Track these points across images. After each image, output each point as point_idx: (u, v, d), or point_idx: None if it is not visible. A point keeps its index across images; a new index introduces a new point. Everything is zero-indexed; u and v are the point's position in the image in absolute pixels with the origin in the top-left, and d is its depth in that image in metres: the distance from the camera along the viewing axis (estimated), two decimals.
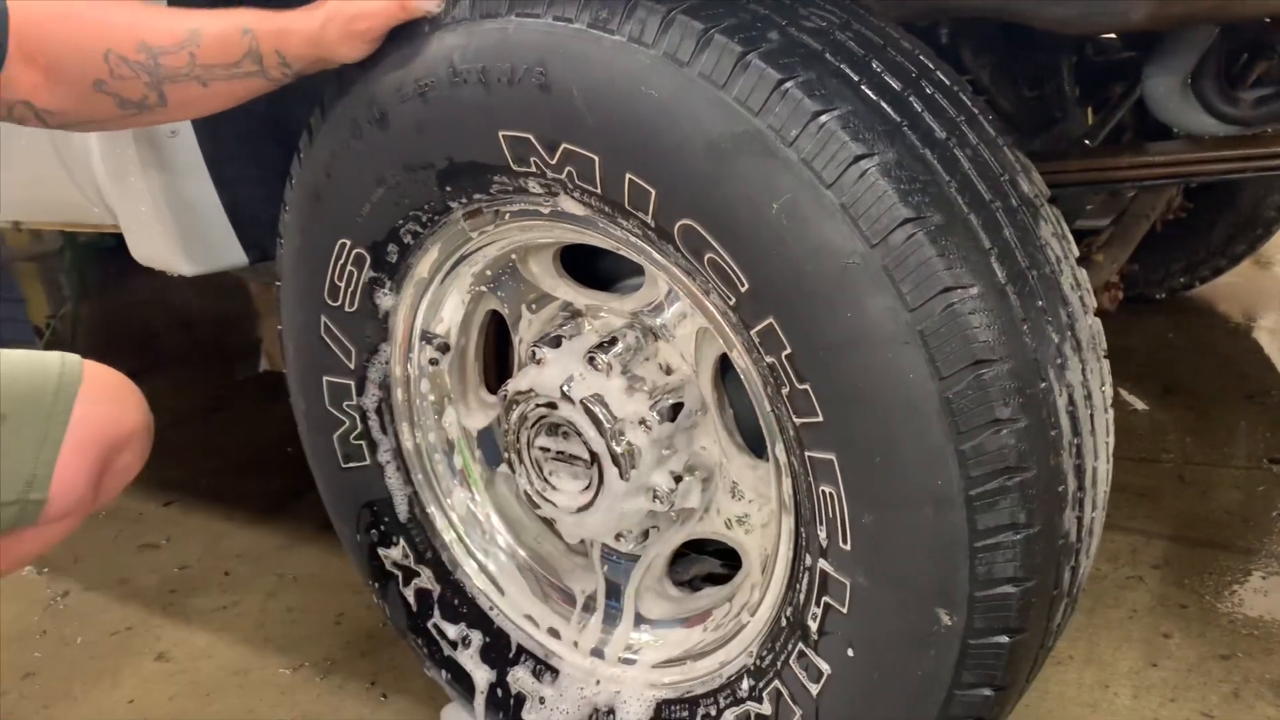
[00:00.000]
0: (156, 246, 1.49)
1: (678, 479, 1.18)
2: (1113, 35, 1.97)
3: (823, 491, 0.98)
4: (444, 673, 1.41)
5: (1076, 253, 1.05)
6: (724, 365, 1.16)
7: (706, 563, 1.41)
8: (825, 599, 1.02)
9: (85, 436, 1.33)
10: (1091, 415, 0.99)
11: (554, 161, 1.04)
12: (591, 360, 1.18)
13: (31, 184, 1.69)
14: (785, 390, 0.97)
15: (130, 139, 1.43)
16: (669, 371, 1.18)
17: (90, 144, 1.49)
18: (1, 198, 1.80)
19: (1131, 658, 1.54)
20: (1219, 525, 1.86)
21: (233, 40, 1.13)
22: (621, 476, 1.16)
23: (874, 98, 0.93)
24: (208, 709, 1.67)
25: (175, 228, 1.47)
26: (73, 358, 1.36)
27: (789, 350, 0.94)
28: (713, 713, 1.18)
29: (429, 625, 1.41)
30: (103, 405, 1.35)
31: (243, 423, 2.80)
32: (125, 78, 1.16)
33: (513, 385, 1.25)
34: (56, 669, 1.80)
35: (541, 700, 1.32)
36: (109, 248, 4.83)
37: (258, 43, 1.13)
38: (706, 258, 0.97)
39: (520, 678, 1.34)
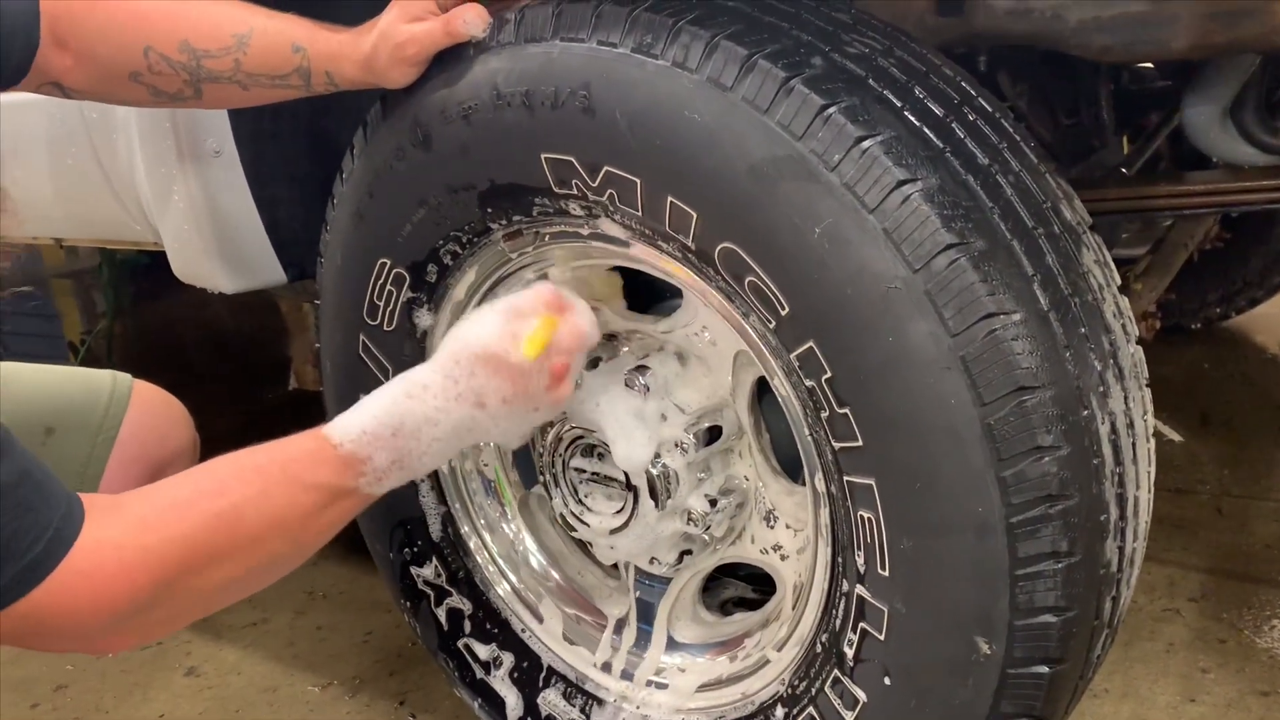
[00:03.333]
0: (198, 264, 1.51)
1: (713, 503, 1.18)
2: (1151, 64, 1.97)
3: (861, 516, 0.98)
4: (473, 693, 1.41)
5: (1118, 280, 1.04)
6: (761, 389, 1.16)
7: (738, 587, 1.41)
8: (862, 625, 1.02)
9: (131, 455, 1.34)
10: (1133, 444, 0.99)
11: (595, 184, 1.05)
12: (628, 383, 1.18)
13: (75, 201, 1.72)
14: (825, 414, 0.97)
15: (175, 157, 1.46)
16: (705, 395, 1.18)
17: (135, 161, 1.51)
18: (45, 214, 1.83)
19: (1169, 692, 1.51)
20: (1257, 559, 1.83)
21: (283, 54, 1.14)
22: (656, 499, 1.16)
23: (917, 123, 0.93)
24: None
25: (217, 245, 1.49)
26: (124, 377, 1.38)
27: (829, 374, 0.94)
28: None
29: (460, 645, 1.41)
30: (150, 424, 1.37)
31: (277, 437, 2.81)
32: (164, 74, 1.16)
33: None
34: (88, 682, 1.81)
35: None
36: (144, 265, 4.89)
37: (309, 62, 1.14)
38: (747, 281, 0.97)
39: (551, 700, 1.34)
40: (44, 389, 1.33)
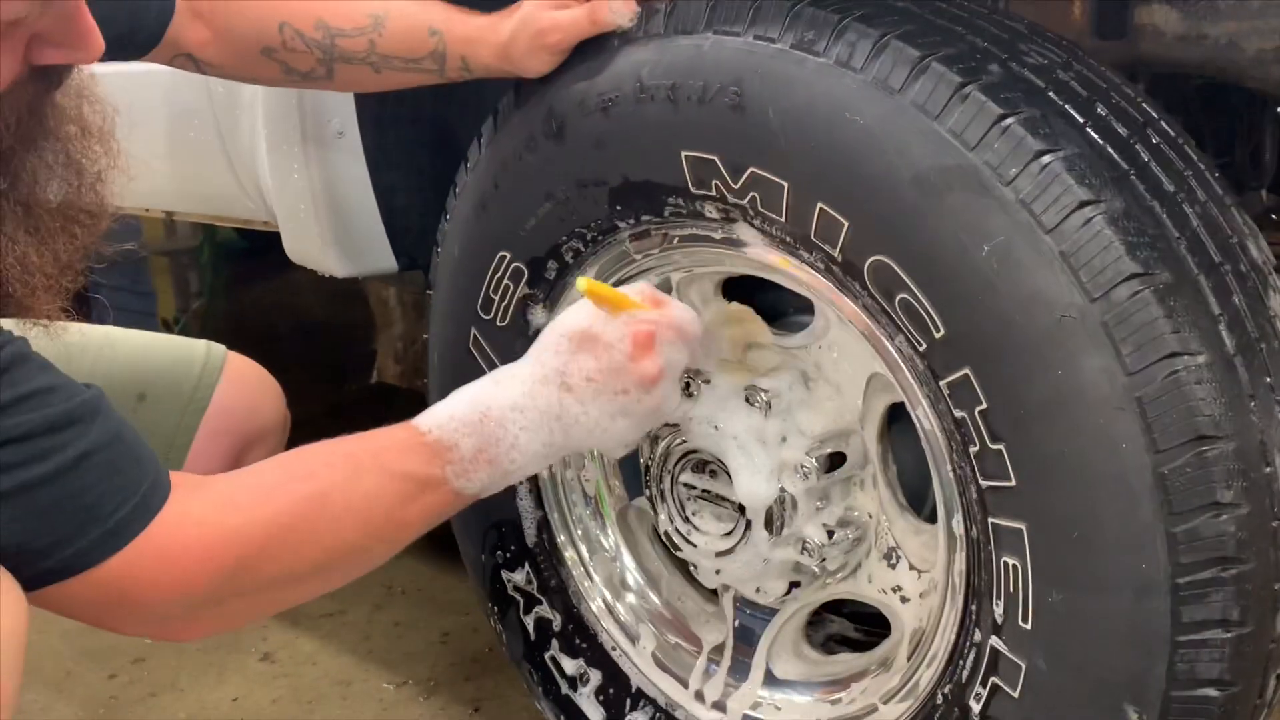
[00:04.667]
0: (311, 245, 1.50)
1: (830, 533, 1.11)
2: None
3: (1005, 563, 0.91)
4: (556, 708, 1.36)
5: None
6: (891, 417, 1.10)
7: (841, 624, 1.33)
8: (994, 680, 0.94)
9: (221, 426, 1.33)
10: None
11: (737, 186, 0.99)
12: (749, 399, 1.12)
13: (193, 175, 1.72)
14: (974, 449, 0.90)
15: (298, 136, 1.44)
16: (831, 419, 1.11)
17: (258, 138, 1.50)
18: (158, 185, 1.83)
19: None
20: None
21: (419, 37, 1.12)
22: (770, 525, 1.10)
23: (1100, 142, 0.86)
24: (310, 716, 1.65)
25: (331, 228, 1.47)
26: (218, 348, 1.37)
27: (984, 406, 0.87)
28: None
29: (546, 657, 1.36)
30: (242, 398, 1.35)
31: (358, 431, 2.81)
32: (297, 50, 1.15)
33: None
34: (165, 658, 1.80)
35: None
36: (242, 249, 4.97)
37: (445, 45, 1.11)
38: (898, 298, 0.91)
39: None
40: (139, 355, 1.33)
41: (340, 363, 3.46)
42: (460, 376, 1.31)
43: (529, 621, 1.37)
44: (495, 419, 0.96)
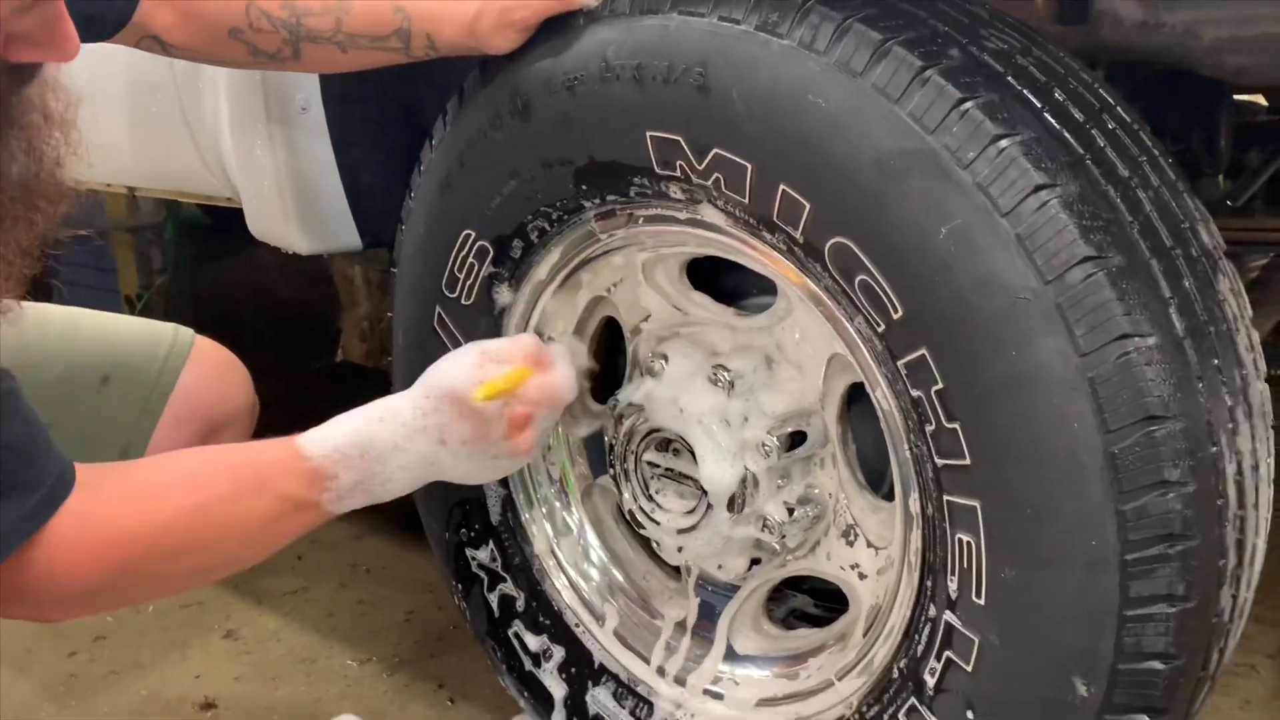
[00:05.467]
0: (275, 222, 1.48)
1: (790, 511, 1.13)
2: (1257, 98, 1.89)
3: (959, 540, 0.92)
4: (520, 684, 1.37)
5: (1250, 312, 0.98)
6: (851, 398, 1.11)
7: (800, 600, 1.35)
8: (947, 654, 0.96)
9: (186, 412, 1.31)
10: (1257, 487, 0.92)
11: (701, 167, 1.00)
12: (712, 378, 1.13)
13: (156, 150, 1.70)
14: (930, 428, 0.91)
15: (262, 113, 1.43)
16: (793, 399, 1.12)
17: (221, 113, 1.48)
18: (119, 161, 1.81)
19: None
20: None
21: (384, 16, 1.12)
22: (732, 502, 1.11)
23: (1057, 126, 0.88)
24: (273, 693, 1.65)
25: (295, 205, 1.46)
26: (185, 331, 1.36)
27: (940, 386, 0.89)
28: None
29: (510, 633, 1.37)
30: (208, 382, 1.34)
31: (321, 410, 2.80)
32: (264, 31, 1.15)
33: (624, 396, 1.21)
34: (127, 635, 1.80)
35: None
36: (205, 225, 4.91)
37: (410, 23, 1.11)
38: (858, 280, 0.92)
39: (601, 700, 1.29)
40: (104, 337, 1.31)
41: (305, 342, 3.44)
42: (425, 355, 1.31)
43: (493, 599, 1.38)
44: (375, 456, 1.01)
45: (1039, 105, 0.88)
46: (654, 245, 1.16)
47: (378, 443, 1.01)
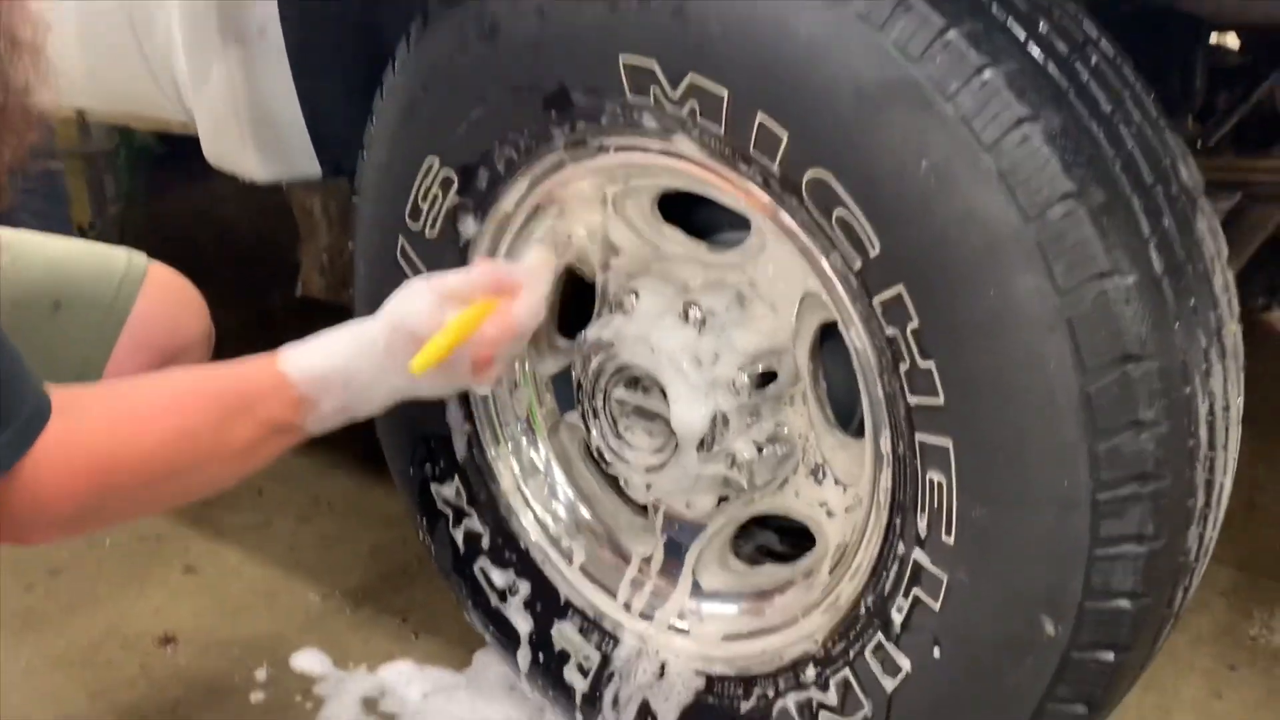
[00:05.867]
0: (231, 148, 1.43)
1: (759, 449, 1.12)
2: (1228, 41, 1.88)
3: (930, 479, 0.92)
4: (485, 618, 1.37)
5: (1227, 252, 0.97)
6: (822, 335, 1.10)
7: (765, 537, 1.35)
8: (915, 592, 0.96)
9: (141, 340, 1.28)
10: (1227, 428, 0.92)
11: (676, 95, 0.97)
12: (683, 315, 1.11)
13: (108, 72, 1.63)
14: (904, 367, 0.90)
15: (216, 34, 1.37)
16: (764, 337, 1.11)
17: (173, 37, 1.42)
18: (74, 83, 1.74)
19: (1195, 687, 1.47)
20: None
21: None
22: (701, 440, 1.10)
23: (1040, 58, 0.85)
24: (234, 627, 1.63)
25: (252, 130, 1.41)
26: (139, 256, 1.32)
27: (916, 324, 0.88)
28: (770, 694, 1.12)
29: (475, 569, 1.36)
30: (164, 310, 1.30)
31: (281, 343, 2.76)
32: None
33: (593, 332, 1.19)
34: (84, 569, 1.77)
35: (586, 659, 1.27)
36: (160, 154, 4.78)
37: None
38: (835, 215, 0.90)
39: (566, 634, 1.29)
40: (55, 262, 1.27)
41: (264, 274, 3.37)
42: (388, 288, 1.28)
43: (458, 534, 1.36)
44: (358, 387, 1.04)
45: (1022, 36, 0.86)
46: (625, 177, 1.13)
47: (360, 375, 1.03)
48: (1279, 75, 1.48)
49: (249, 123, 1.41)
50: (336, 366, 1.03)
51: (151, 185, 4.44)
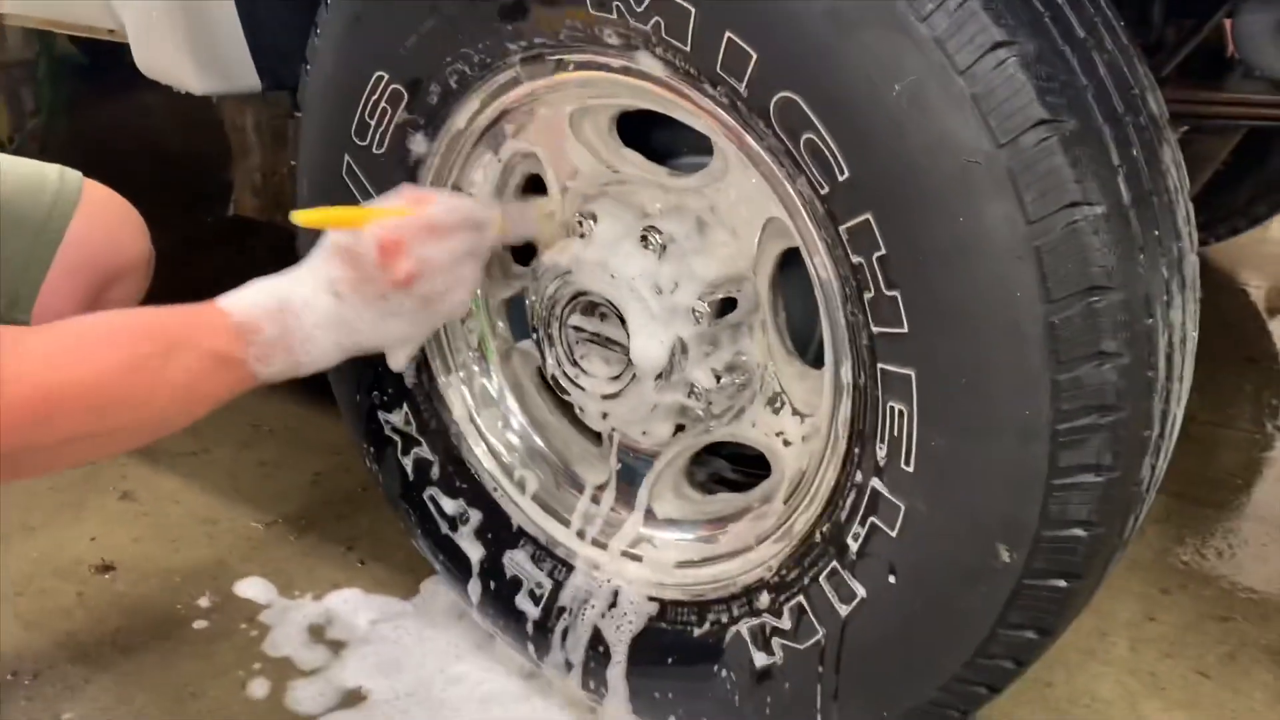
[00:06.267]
0: (164, 58, 1.36)
1: (718, 378, 1.10)
2: None
3: (891, 408, 0.92)
4: (435, 546, 1.35)
5: (1188, 184, 0.97)
6: (782, 263, 1.08)
7: (718, 465, 1.35)
8: (873, 520, 0.96)
9: (78, 261, 1.23)
10: (1184, 360, 0.93)
11: (641, 9, 0.93)
12: (643, 241, 1.09)
13: None
14: (869, 295, 0.89)
15: None
16: (725, 264, 1.09)
17: None
18: None
19: (1130, 609, 1.51)
20: (1222, 486, 1.84)
21: None
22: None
23: None
24: (174, 555, 1.60)
25: (187, 38, 1.34)
26: (73, 174, 1.25)
27: (883, 252, 0.86)
28: (724, 620, 1.12)
29: (425, 497, 1.34)
30: (101, 230, 1.25)
31: (214, 264, 2.68)
32: None
33: (549, 257, 1.16)
34: (13, 498, 1.71)
35: (538, 585, 1.27)
36: (84, 65, 4.56)
37: None
38: (804, 138, 0.88)
39: (519, 561, 1.28)
40: None
41: (196, 192, 3.26)
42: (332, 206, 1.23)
43: (407, 463, 1.34)
44: (293, 312, 1.01)
45: None
46: (583, 95, 1.09)
47: (293, 299, 1.02)
48: (1246, 6, 1.47)
49: (183, 29, 1.34)
50: (266, 291, 1.02)
51: (76, 96, 4.25)
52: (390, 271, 1.02)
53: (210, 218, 3.08)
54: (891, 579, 0.96)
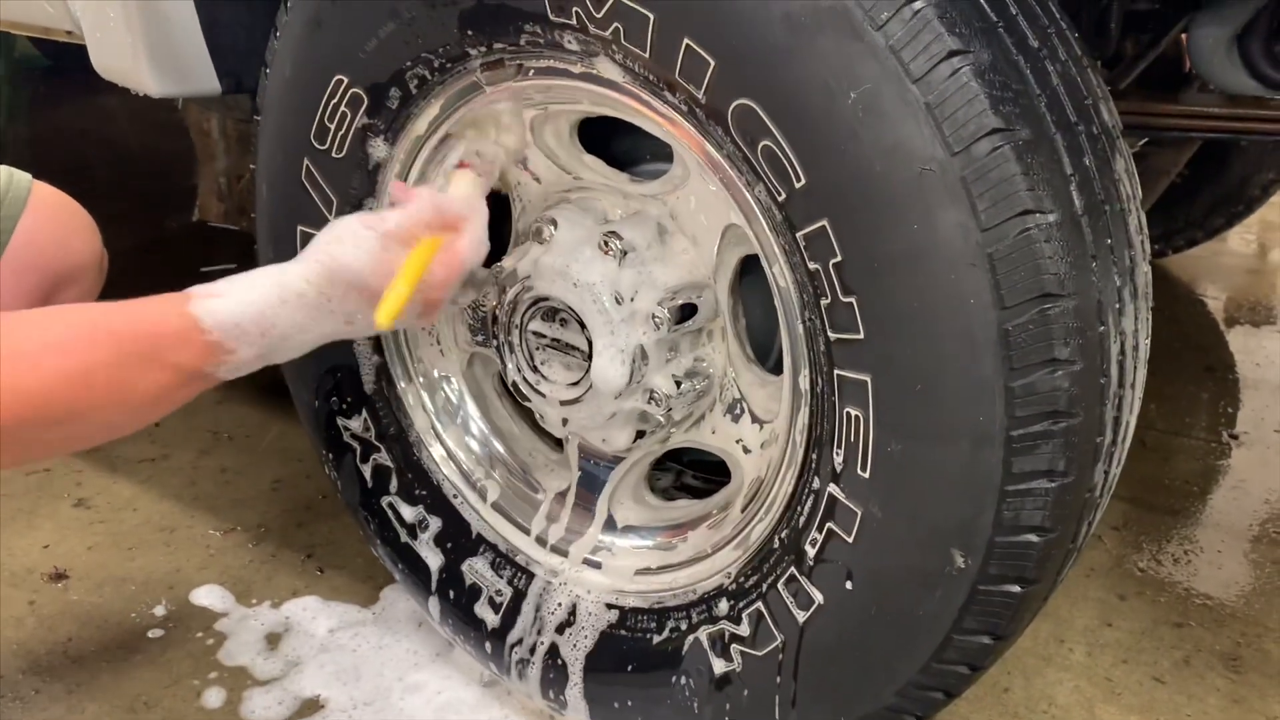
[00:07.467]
0: (122, 60, 1.34)
1: (678, 384, 1.11)
2: None
3: (847, 414, 0.92)
4: (394, 554, 1.34)
5: (1141, 193, 0.98)
6: (742, 270, 1.08)
7: (678, 472, 1.35)
8: (830, 525, 0.97)
9: (26, 262, 1.21)
10: (1135, 367, 0.94)
11: (600, 15, 0.93)
12: (603, 246, 1.09)
13: None
14: (825, 302, 0.89)
15: None
16: (685, 270, 1.09)
17: None
18: None
19: (1087, 615, 1.53)
20: (1178, 494, 1.86)
21: None
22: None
23: None
24: (129, 563, 1.58)
25: (146, 41, 1.32)
26: (21, 175, 1.24)
27: (839, 258, 0.87)
28: (683, 627, 1.12)
29: (384, 504, 1.33)
30: (50, 231, 1.23)
31: (176, 269, 2.65)
32: None
33: (509, 263, 1.16)
34: None
35: (498, 593, 1.26)
36: (45, 68, 4.51)
37: None
38: (761, 145, 0.88)
39: (478, 569, 1.27)
40: None
41: (157, 198, 3.22)
42: (291, 211, 1.23)
43: (366, 469, 1.33)
44: (278, 335, 0.97)
45: None
46: (544, 101, 1.09)
47: (281, 323, 0.96)
48: (1198, 20, 1.50)
49: (143, 32, 1.32)
50: (254, 315, 0.95)
51: (36, 99, 4.18)
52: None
53: (174, 223, 3.05)
54: (849, 585, 0.97)
